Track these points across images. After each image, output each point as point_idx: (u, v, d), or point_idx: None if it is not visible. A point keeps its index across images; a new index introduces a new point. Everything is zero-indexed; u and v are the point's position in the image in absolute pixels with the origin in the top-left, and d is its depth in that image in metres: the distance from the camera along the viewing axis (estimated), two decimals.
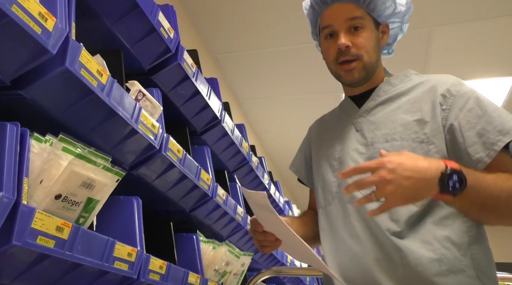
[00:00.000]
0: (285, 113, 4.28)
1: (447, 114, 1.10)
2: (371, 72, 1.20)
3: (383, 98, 1.21)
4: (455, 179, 0.92)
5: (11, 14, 0.74)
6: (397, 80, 1.23)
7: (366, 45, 1.16)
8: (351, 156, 1.18)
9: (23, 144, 0.83)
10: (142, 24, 1.29)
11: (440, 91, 1.13)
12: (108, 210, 1.13)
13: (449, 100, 1.11)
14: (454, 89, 1.12)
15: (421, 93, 1.16)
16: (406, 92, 1.19)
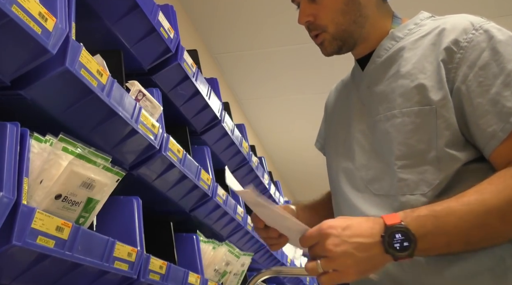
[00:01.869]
0: (285, 113, 4.28)
1: (453, 75, 0.85)
2: (351, 39, 0.98)
3: (383, 58, 0.97)
4: (398, 238, 0.75)
5: (11, 14, 0.74)
6: (403, 31, 0.98)
7: (327, 14, 0.96)
8: (357, 140, 0.98)
9: (23, 144, 0.83)
10: (142, 24, 1.29)
11: (445, 44, 0.87)
12: (108, 210, 1.13)
13: (456, 55, 0.85)
14: (464, 39, 0.85)
15: (426, 47, 0.91)
16: (410, 47, 0.94)
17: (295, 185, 6.00)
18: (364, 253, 0.76)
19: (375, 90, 0.97)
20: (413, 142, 0.87)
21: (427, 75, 0.88)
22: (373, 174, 0.94)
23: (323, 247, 0.77)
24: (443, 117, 0.85)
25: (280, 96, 3.99)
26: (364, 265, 0.77)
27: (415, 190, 0.87)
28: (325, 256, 0.77)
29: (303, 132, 4.70)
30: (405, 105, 0.89)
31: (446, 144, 0.85)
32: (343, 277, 0.77)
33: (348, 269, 0.76)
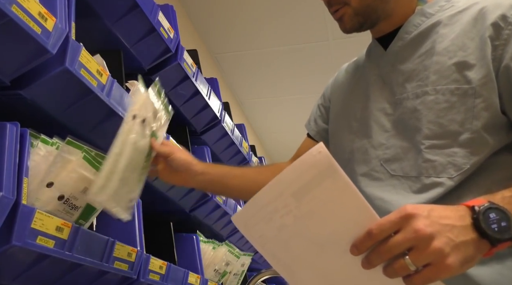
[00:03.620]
0: (285, 113, 4.28)
1: (501, 52, 0.79)
2: (374, 14, 0.92)
3: (413, 34, 0.91)
4: (493, 218, 0.63)
5: (11, 14, 0.74)
6: (433, 8, 0.92)
7: None
8: (375, 118, 0.92)
9: (23, 144, 0.83)
10: (142, 24, 1.29)
11: (491, 19, 0.81)
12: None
13: (504, 31, 0.79)
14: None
15: (465, 23, 0.85)
16: (446, 23, 0.88)
17: None
18: (460, 237, 0.61)
19: (401, 68, 0.91)
20: (446, 122, 0.81)
21: (468, 52, 0.82)
22: (393, 153, 0.88)
23: (411, 231, 0.60)
24: (482, 97, 0.79)
25: (280, 96, 3.99)
26: (463, 253, 0.61)
27: (441, 173, 0.81)
28: (413, 247, 0.60)
29: (303, 132, 4.70)
30: (440, 82, 0.83)
31: (483, 126, 0.80)
32: (442, 272, 0.60)
33: (447, 259, 0.60)
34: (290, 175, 0.60)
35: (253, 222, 0.64)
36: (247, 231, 0.67)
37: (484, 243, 0.63)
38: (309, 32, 3.08)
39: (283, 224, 0.63)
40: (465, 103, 0.80)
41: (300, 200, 0.61)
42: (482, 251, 0.63)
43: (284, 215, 0.62)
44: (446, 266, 0.59)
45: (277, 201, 0.62)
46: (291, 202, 0.61)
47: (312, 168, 0.60)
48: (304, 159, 0.60)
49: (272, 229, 0.64)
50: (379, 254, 0.61)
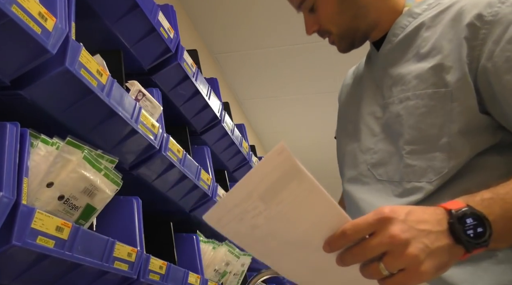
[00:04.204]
0: (285, 113, 4.28)
1: (478, 52, 0.77)
2: (359, 33, 0.95)
3: (400, 37, 0.91)
4: (469, 223, 0.61)
5: (11, 14, 0.74)
6: (421, 7, 0.91)
7: (326, 19, 0.95)
8: (365, 121, 0.93)
9: (23, 144, 0.83)
10: (142, 24, 1.29)
11: (467, 19, 0.79)
12: (108, 210, 1.13)
13: (481, 31, 0.77)
14: (489, 13, 0.77)
15: (445, 24, 0.84)
16: (429, 25, 0.87)
17: None
18: (436, 243, 0.60)
19: (390, 72, 0.91)
20: (425, 126, 0.81)
21: (445, 54, 0.81)
22: (379, 158, 0.88)
23: (387, 236, 0.58)
24: (458, 100, 0.79)
25: (280, 96, 3.99)
26: (438, 260, 0.60)
27: (421, 178, 0.81)
28: (388, 252, 0.59)
29: (303, 132, 4.70)
30: (419, 87, 0.83)
31: (459, 130, 0.79)
32: (415, 278, 0.59)
33: (421, 265, 0.58)
34: (255, 177, 0.58)
35: (225, 221, 0.64)
36: (221, 228, 0.66)
37: (459, 248, 0.61)
38: None
39: (254, 224, 0.62)
40: (443, 107, 0.80)
41: (268, 203, 0.59)
42: (456, 256, 0.62)
43: (255, 216, 0.61)
44: (420, 272, 0.58)
45: (246, 203, 0.60)
46: (259, 204, 0.60)
47: (275, 169, 0.57)
48: (267, 160, 0.57)
49: (245, 227, 0.63)
50: (353, 255, 0.60)
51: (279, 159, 0.56)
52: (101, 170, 0.98)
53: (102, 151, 1.02)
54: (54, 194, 0.89)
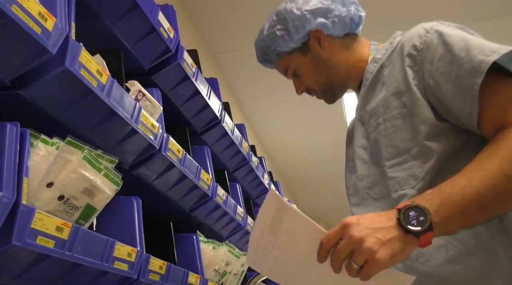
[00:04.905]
0: (285, 113, 4.28)
1: (421, 75, 0.95)
2: (336, 85, 1.18)
3: (370, 80, 1.09)
4: (412, 215, 0.76)
5: (11, 14, 0.74)
6: (381, 53, 1.11)
7: (308, 79, 1.19)
8: (358, 154, 1.10)
9: (23, 144, 0.83)
10: (142, 24, 1.29)
11: (406, 51, 0.98)
12: (108, 210, 1.13)
13: (417, 58, 0.96)
14: (420, 43, 0.97)
15: (394, 60, 1.03)
16: (386, 63, 1.07)
17: (295, 185, 6.00)
18: (387, 236, 0.75)
19: (367, 109, 1.09)
20: (397, 143, 0.97)
21: (399, 82, 0.99)
22: (372, 181, 1.04)
23: (348, 238, 0.75)
24: (416, 115, 0.95)
25: (280, 96, 3.99)
26: (390, 248, 0.74)
27: (404, 185, 0.95)
28: (353, 250, 0.75)
29: (303, 132, 4.70)
30: (386, 112, 1.01)
31: (425, 137, 0.93)
32: (376, 265, 0.74)
33: (377, 254, 0.73)
34: (261, 218, 0.80)
35: (258, 262, 0.83)
36: (258, 268, 0.84)
37: (410, 237, 0.75)
38: None
39: (274, 257, 0.81)
40: (408, 123, 0.96)
41: (275, 235, 0.80)
42: (410, 243, 0.76)
43: (272, 250, 0.81)
44: (376, 260, 0.73)
45: (263, 240, 0.80)
46: (271, 238, 0.80)
47: (271, 209, 0.79)
48: (264, 203, 0.79)
49: (270, 262, 0.82)
50: (333, 260, 0.77)
51: (271, 200, 0.78)
52: (101, 170, 0.98)
53: (102, 151, 1.02)
54: (54, 194, 0.89)
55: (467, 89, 0.87)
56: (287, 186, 5.88)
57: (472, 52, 0.87)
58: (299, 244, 0.80)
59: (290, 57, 1.19)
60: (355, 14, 1.15)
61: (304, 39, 1.16)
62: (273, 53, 1.20)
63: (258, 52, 1.27)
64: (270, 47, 1.20)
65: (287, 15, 1.15)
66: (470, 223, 0.81)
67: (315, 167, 5.46)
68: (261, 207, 0.80)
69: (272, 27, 1.19)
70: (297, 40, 1.16)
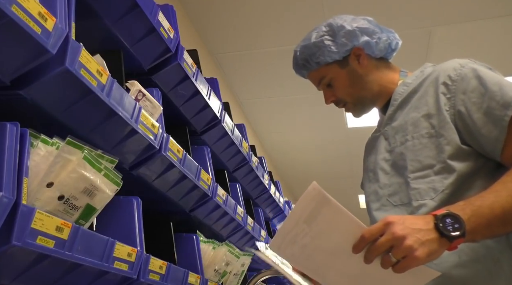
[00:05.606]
0: (285, 113, 4.28)
1: (453, 102, 1.09)
2: (367, 100, 1.28)
3: (399, 101, 1.23)
4: (448, 221, 0.87)
5: (11, 14, 0.74)
6: (411, 78, 1.25)
7: (342, 91, 1.27)
8: (380, 166, 1.21)
9: (23, 144, 0.83)
10: (142, 24, 1.29)
11: (441, 80, 1.13)
12: (108, 210, 1.13)
13: (451, 87, 1.10)
14: (454, 74, 1.11)
15: (427, 86, 1.17)
16: (417, 88, 1.20)
17: (295, 185, 6.00)
18: (426, 237, 0.85)
19: (393, 125, 1.22)
20: (422, 158, 1.10)
21: (430, 106, 1.13)
22: (393, 190, 1.16)
23: (390, 234, 0.85)
24: (443, 136, 1.08)
25: (280, 96, 3.99)
26: (428, 248, 0.84)
27: (425, 196, 1.07)
28: (393, 245, 0.85)
29: (303, 132, 4.70)
30: (415, 131, 1.14)
31: (448, 157, 1.06)
32: (413, 261, 0.84)
33: (416, 252, 0.83)
34: (299, 209, 0.86)
35: (283, 247, 0.88)
36: (281, 253, 0.90)
37: (444, 241, 0.86)
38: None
39: (304, 244, 0.88)
40: (433, 142, 1.10)
41: (310, 225, 0.86)
42: (443, 246, 0.86)
43: (303, 237, 0.87)
44: (415, 257, 0.84)
45: (296, 228, 0.87)
46: (305, 227, 0.87)
47: (311, 201, 0.85)
48: (305, 196, 0.85)
49: (298, 248, 0.88)
50: (371, 252, 0.86)
51: (313, 193, 0.85)
52: (101, 170, 0.98)
53: (102, 151, 1.02)
54: (54, 194, 0.89)
55: (497, 119, 1.02)
56: (287, 186, 5.88)
57: (505, 88, 1.02)
58: (334, 234, 0.88)
59: (329, 67, 1.27)
60: (393, 41, 1.30)
61: (346, 54, 1.26)
62: (315, 61, 1.27)
63: (300, 58, 1.31)
64: (314, 54, 1.27)
65: (338, 28, 1.26)
66: (492, 234, 0.95)
67: (315, 167, 5.46)
68: (300, 198, 0.86)
69: (321, 36, 1.27)
70: (341, 53, 1.25)
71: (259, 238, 2.32)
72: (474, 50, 3.26)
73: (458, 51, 3.28)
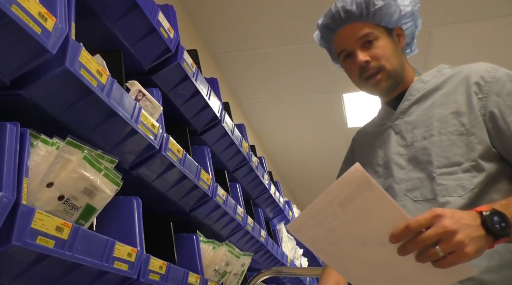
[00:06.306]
0: (285, 113, 4.28)
1: (485, 102, 1.08)
2: (398, 77, 1.21)
3: (416, 96, 1.20)
4: (496, 219, 0.86)
5: (11, 14, 0.74)
6: (429, 77, 1.23)
7: (384, 54, 1.18)
8: (394, 160, 1.18)
9: (23, 144, 0.83)
10: (142, 24, 1.29)
11: (473, 80, 1.11)
12: (108, 210, 1.13)
13: (484, 87, 1.09)
14: (488, 76, 1.11)
15: (454, 85, 1.15)
16: (440, 86, 1.18)
17: (295, 185, 6.00)
18: (475, 233, 0.83)
19: (408, 120, 1.19)
20: (450, 155, 1.08)
21: (459, 104, 1.11)
22: (412, 185, 1.12)
23: (441, 227, 0.81)
24: (475, 134, 1.07)
25: (280, 96, 3.99)
26: (476, 244, 0.83)
27: (452, 193, 1.06)
28: (441, 239, 0.81)
29: (303, 132, 4.70)
30: (442, 127, 1.11)
31: (479, 156, 1.06)
32: (462, 257, 0.81)
33: (467, 248, 0.81)
34: (336, 190, 0.80)
35: (305, 229, 0.83)
36: (300, 235, 0.85)
37: (489, 238, 0.85)
38: (309, 32, 3.08)
39: (332, 228, 0.82)
40: (463, 140, 1.08)
41: (345, 208, 0.80)
42: (488, 243, 0.85)
43: (332, 221, 0.82)
44: (465, 253, 0.81)
45: (326, 210, 0.81)
46: (338, 210, 0.81)
47: (352, 183, 0.79)
48: (346, 177, 0.79)
49: (323, 231, 0.83)
50: (415, 243, 0.82)
51: (355, 175, 0.79)
52: (101, 170, 0.98)
53: (102, 151, 1.02)
54: (54, 194, 0.89)
55: None
56: (287, 186, 5.88)
57: None
58: (370, 221, 0.83)
59: (377, 28, 1.19)
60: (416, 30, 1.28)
61: (394, 26, 1.22)
62: (373, 11, 1.18)
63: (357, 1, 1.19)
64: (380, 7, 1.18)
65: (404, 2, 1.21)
66: None
67: (315, 167, 5.46)
68: (338, 179, 0.80)
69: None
70: (396, 21, 1.21)
71: (259, 238, 2.32)
72: (474, 50, 3.26)
73: (458, 51, 3.28)
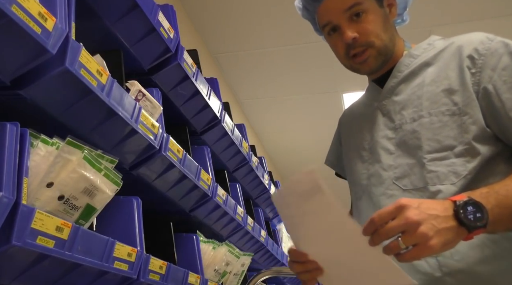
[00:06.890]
0: (285, 113, 4.28)
1: (478, 78, 0.97)
2: (389, 54, 1.08)
3: (405, 73, 1.08)
4: (470, 210, 0.78)
5: (10, 14, 0.74)
6: (419, 51, 1.11)
7: (373, 29, 1.05)
8: (381, 145, 1.07)
9: (23, 144, 0.83)
10: (142, 24, 1.29)
11: (466, 53, 1.00)
12: (108, 210, 1.13)
13: (478, 61, 0.98)
14: (482, 48, 0.99)
15: (446, 59, 1.04)
16: (430, 61, 1.07)
17: None
18: (443, 225, 0.77)
19: (396, 99, 1.08)
20: (442, 138, 0.98)
21: (451, 80, 1.00)
22: (401, 172, 1.02)
23: (403, 218, 0.76)
24: (468, 114, 0.96)
25: (280, 96, 3.99)
26: (444, 237, 0.76)
27: (444, 181, 0.96)
28: (404, 231, 0.76)
29: (303, 132, 4.70)
30: (432, 107, 1.00)
31: (473, 138, 0.95)
32: (426, 251, 0.75)
33: (430, 240, 0.75)
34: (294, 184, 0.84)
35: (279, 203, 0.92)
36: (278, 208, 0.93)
37: (462, 230, 0.78)
38: (309, 32, 3.07)
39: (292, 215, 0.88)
40: (455, 121, 0.97)
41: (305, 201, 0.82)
42: (461, 236, 0.78)
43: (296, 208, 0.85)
44: (428, 246, 0.75)
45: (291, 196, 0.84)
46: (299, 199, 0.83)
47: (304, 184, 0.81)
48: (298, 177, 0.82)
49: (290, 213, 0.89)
50: (379, 235, 0.77)
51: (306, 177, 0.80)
52: (101, 170, 0.98)
53: (102, 151, 1.02)
54: (54, 194, 0.89)
55: None
56: None
57: None
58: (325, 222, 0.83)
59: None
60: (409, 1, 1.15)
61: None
62: None
63: None
64: None
65: None
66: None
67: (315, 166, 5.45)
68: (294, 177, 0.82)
69: None
70: None
71: (259, 238, 2.32)
72: None
73: None
